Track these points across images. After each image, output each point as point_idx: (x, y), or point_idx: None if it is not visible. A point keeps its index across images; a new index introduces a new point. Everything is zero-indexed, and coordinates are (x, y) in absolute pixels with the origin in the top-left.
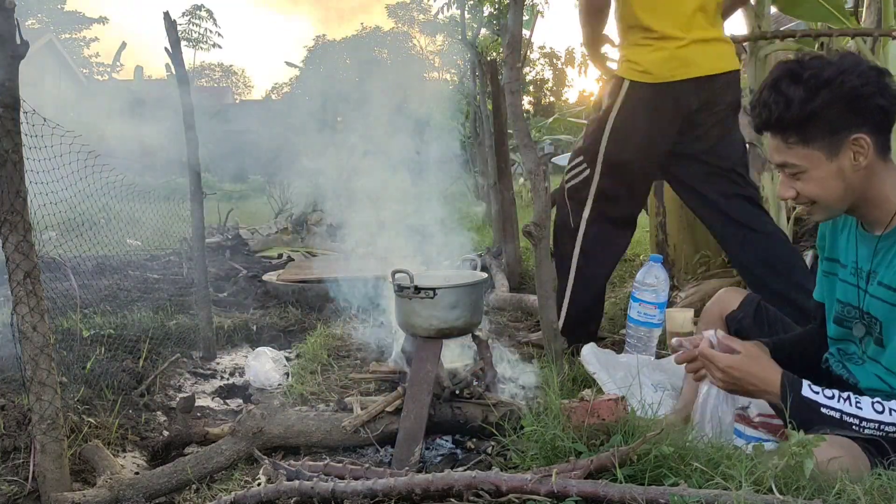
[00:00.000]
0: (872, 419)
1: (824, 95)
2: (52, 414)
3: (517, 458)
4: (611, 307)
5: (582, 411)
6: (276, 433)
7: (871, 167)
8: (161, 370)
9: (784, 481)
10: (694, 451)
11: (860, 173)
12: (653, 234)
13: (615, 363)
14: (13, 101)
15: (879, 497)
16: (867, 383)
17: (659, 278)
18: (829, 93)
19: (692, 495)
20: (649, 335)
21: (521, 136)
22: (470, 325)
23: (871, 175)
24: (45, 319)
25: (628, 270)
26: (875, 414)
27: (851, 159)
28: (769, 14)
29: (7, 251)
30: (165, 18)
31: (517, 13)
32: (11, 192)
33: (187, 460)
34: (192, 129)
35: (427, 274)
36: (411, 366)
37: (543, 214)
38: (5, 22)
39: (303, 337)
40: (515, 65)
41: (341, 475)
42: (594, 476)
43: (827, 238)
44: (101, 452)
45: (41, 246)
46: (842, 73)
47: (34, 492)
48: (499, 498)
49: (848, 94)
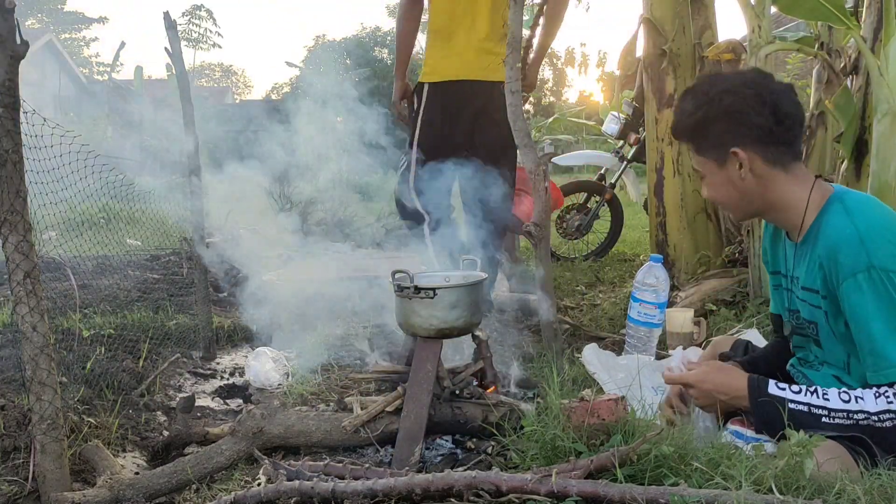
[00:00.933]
0: (840, 409)
1: (705, 110)
2: (52, 414)
3: (517, 458)
4: (611, 307)
5: (582, 411)
6: (276, 433)
7: (763, 176)
8: (161, 370)
9: (784, 481)
10: (694, 451)
11: (751, 182)
12: (653, 234)
13: (615, 365)
14: (13, 101)
15: (879, 497)
16: (826, 386)
17: (659, 278)
18: (708, 109)
19: (692, 495)
20: (649, 335)
21: (521, 136)
22: (470, 325)
23: (766, 183)
24: (45, 319)
25: (628, 270)
26: (842, 403)
27: (737, 169)
28: (769, 14)
29: (7, 251)
30: (165, 18)
31: (517, 13)
32: (11, 192)
33: (187, 460)
34: (192, 128)
35: (427, 274)
36: (411, 366)
37: (543, 214)
38: (5, 22)
39: (303, 337)
40: (515, 65)
41: (341, 475)
42: (594, 476)
43: (769, 252)
44: (101, 452)
45: (41, 246)
46: (722, 92)
47: (34, 492)
48: (499, 498)
49: (724, 111)
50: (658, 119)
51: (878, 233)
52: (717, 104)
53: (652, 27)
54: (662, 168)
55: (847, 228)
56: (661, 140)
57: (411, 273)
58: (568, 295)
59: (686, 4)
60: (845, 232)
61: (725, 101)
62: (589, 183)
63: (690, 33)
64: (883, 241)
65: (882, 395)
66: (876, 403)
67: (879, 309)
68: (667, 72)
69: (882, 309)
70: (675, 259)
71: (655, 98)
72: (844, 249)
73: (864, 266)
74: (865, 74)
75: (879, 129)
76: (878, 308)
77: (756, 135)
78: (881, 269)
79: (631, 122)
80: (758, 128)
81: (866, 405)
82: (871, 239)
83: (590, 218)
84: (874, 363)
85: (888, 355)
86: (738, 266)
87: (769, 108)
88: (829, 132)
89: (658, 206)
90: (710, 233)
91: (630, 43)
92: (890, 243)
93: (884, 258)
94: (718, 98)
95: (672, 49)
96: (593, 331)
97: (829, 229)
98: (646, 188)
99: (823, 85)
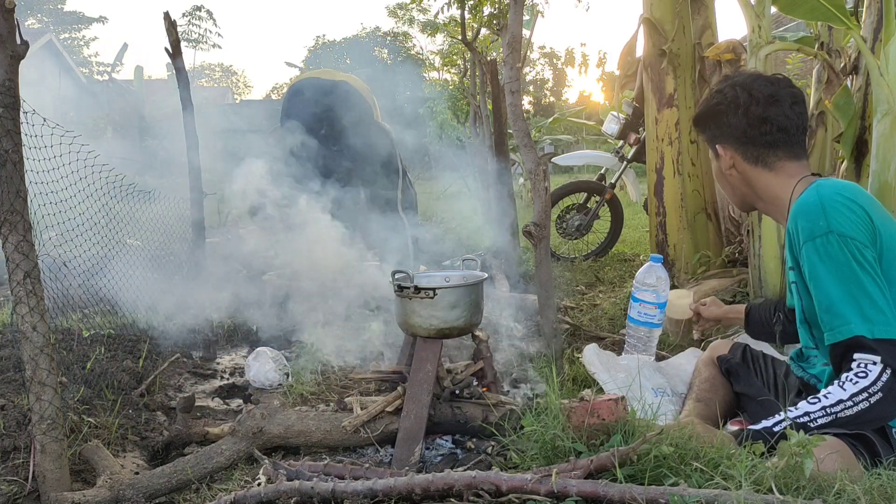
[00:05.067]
0: (815, 409)
1: (704, 106)
2: (52, 414)
3: (517, 458)
4: (611, 307)
5: (582, 411)
6: (276, 433)
7: (745, 172)
8: (161, 370)
9: (784, 481)
10: (694, 451)
11: (736, 176)
12: (653, 234)
13: (615, 365)
14: (13, 101)
15: (879, 497)
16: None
17: (659, 278)
18: (706, 105)
19: (692, 495)
20: (649, 335)
21: (521, 136)
22: (470, 325)
23: (749, 179)
24: (45, 319)
25: (628, 270)
26: (812, 405)
27: (725, 165)
28: (769, 14)
29: (7, 251)
30: (165, 19)
31: (517, 13)
32: (11, 192)
33: (187, 460)
34: (193, 128)
35: (427, 274)
36: (411, 366)
37: (543, 214)
38: (5, 22)
39: (303, 337)
40: (515, 65)
41: (341, 475)
42: (594, 476)
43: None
44: (101, 452)
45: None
46: (716, 92)
47: (34, 492)
48: (499, 498)
49: (712, 109)
50: (658, 119)
51: (840, 202)
52: (709, 101)
53: (652, 27)
54: (662, 168)
55: (811, 198)
56: (661, 140)
57: (411, 273)
58: (568, 295)
59: (686, 4)
60: (809, 200)
61: (713, 101)
62: (589, 183)
63: (690, 33)
64: (844, 208)
65: (846, 381)
66: (844, 389)
67: (836, 271)
68: (667, 72)
69: (839, 271)
70: (675, 259)
71: (655, 98)
72: (806, 215)
73: (824, 231)
74: (865, 74)
75: (879, 129)
76: (835, 270)
77: (733, 134)
78: (839, 235)
79: (631, 122)
80: (734, 128)
81: (837, 395)
82: (832, 207)
83: (590, 218)
84: (830, 321)
85: (844, 313)
86: (738, 266)
87: (742, 110)
88: (829, 132)
89: (658, 206)
90: (710, 233)
91: (630, 43)
92: (850, 211)
93: (843, 224)
94: (711, 96)
95: (672, 49)
96: (593, 331)
97: (798, 200)
98: (646, 188)
99: (823, 85)
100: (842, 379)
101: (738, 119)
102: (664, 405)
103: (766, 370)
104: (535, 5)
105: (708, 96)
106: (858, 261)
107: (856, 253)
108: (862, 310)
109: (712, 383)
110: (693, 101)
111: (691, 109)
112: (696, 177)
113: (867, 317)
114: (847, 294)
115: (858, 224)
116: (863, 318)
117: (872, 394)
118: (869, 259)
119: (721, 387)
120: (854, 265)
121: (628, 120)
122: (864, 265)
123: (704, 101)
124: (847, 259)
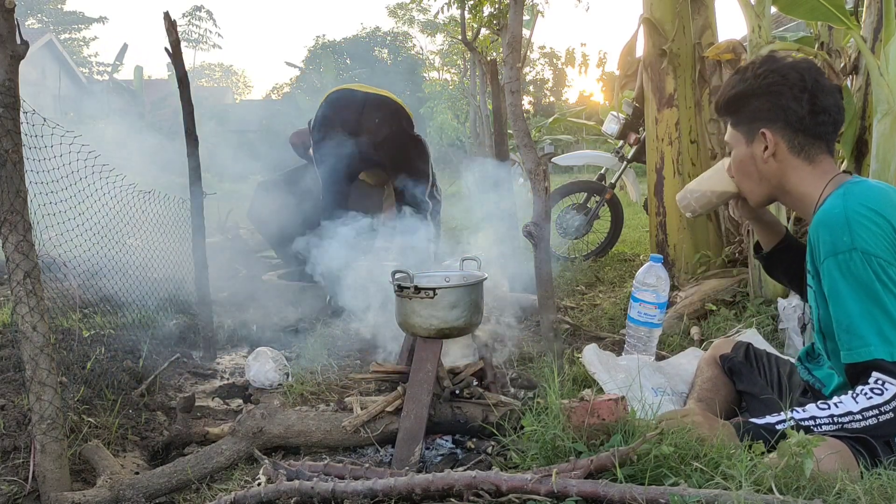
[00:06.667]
0: (823, 416)
1: (749, 84)
2: (52, 414)
3: (517, 458)
4: (611, 307)
5: (582, 411)
6: (276, 433)
7: (784, 162)
8: (161, 370)
9: (784, 481)
10: (694, 451)
11: (772, 165)
12: (653, 234)
13: (615, 365)
14: (13, 101)
15: (879, 497)
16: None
17: (659, 278)
18: (752, 83)
19: (692, 495)
20: (649, 335)
21: (521, 136)
22: (470, 325)
23: (785, 169)
24: (45, 319)
25: (628, 270)
26: (821, 411)
27: (762, 150)
28: (769, 14)
29: (7, 251)
30: (165, 19)
31: (517, 13)
32: (11, 192)
33: (187, 460)
34: (193, 128)
35: (427, 274)
36: (411, 366)
37: (543, 214)
38: (5, 22)
39: (303, 337)
40: (515, 65)
41: (341, 475)
42: (594, 476)
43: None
44: (101, 452)
45: (41, 246)
46: (770, 71)
47: (34, 492)
48: (499, 498)
49: (766, 88)
50: (658, 119)
51: (865, 215)
52: (760, 80)
53: (652, 27)
54: (662, 168)
55: (836, 209)
56: (661, 140)
57: (411, 273)
58: (568, 295)
59: (686, 4)
60: (833, 212)
61: (769, 79)
62: (589, 183)
63: (690, 33)
64: (869, 223)
65: (860, 393)
66: (857, 402)
67: (858, 290)
68: (667, 72)
69: (861, 290)
70: (675, 259)
71: (655, 98)
72: (830, 228)
73: (847, 247)
74: (865, 74)
75: (879, 129)
76: (857, 289)
77: (787, 118)
78: (863, 252)
79: (631, 122)
80: (791, 112)
81: (848, 405)
82: (857, 221)
83: (590, 218)
84: (849, 341)
85: (863, 334)
86: (738, 266)
87: (808, 95)
88: None
89: (658, 206)
90: (710, 233)
91: (630, 43)
92: (876, 226)
93: (867, 241)
94: (764, 75)
95: (672, 49)
96: (593, 331)
97: (822, 208)
98: (646, 188)
99: None
100: (856, 391)
101: (799, 104)
102: (664, 405)
103: (769, 369)
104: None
105: (753, 75)
106: (882, 280)
107: (879, 271)
108: (882, 331)
109: (714, 383)
110: (693, 101)
111: (691, 109)
112: (696, 176)
113: (887, 339)
114: (867, 314)
115: (883, 240)
116: (883, 339)
117: (884, 412)
118: (893, 277)
119: (723, 386)
120: (877, 284)
121: (628, 120)
122: (887, 284)
123: (747, 79)
124: (870, 278)
